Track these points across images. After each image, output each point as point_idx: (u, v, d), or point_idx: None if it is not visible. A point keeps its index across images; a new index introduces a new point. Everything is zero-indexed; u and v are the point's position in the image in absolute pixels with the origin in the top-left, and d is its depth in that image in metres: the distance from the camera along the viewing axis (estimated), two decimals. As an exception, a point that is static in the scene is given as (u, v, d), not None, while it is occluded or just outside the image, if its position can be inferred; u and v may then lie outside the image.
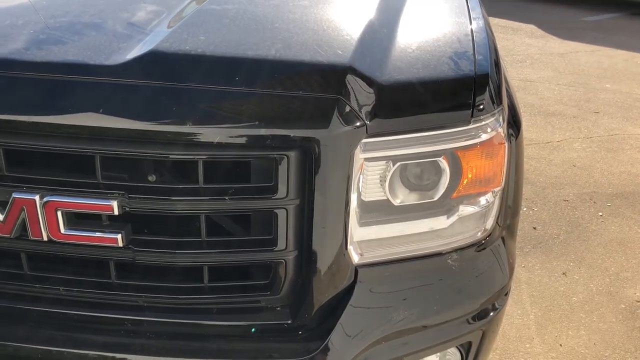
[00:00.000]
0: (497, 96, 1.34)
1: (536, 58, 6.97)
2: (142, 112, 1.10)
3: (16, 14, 1.33)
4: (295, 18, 1.39)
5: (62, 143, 1.12)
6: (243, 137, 1.12)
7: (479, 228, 1.37)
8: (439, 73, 1.28)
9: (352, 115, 1.15)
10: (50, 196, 1.13)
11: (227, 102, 1.12)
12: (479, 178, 1.31)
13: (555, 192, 3.77)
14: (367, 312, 1.28)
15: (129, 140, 1.11)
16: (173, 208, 1.15)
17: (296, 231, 1.20)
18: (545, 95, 5.64)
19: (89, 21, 1.31)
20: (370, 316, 1.27)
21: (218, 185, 1.16)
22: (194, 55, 1.16)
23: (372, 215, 1.26)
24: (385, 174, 1.23)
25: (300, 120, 1.15)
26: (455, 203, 1.31)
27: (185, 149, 1.12)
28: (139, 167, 1.17)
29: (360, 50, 1.26)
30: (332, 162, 1.16)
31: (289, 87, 1.16)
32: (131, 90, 1.11)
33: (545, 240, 3.25)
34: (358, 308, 1.26)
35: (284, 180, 1.15)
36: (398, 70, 1.26)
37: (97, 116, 1.09)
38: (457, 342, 1.40)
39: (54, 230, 1.15)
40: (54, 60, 1.14)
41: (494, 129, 1.30)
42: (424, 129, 1.22)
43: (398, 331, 1.28)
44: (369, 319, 1.27)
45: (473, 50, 1.38)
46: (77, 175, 1.15)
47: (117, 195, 1.13)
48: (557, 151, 4.38)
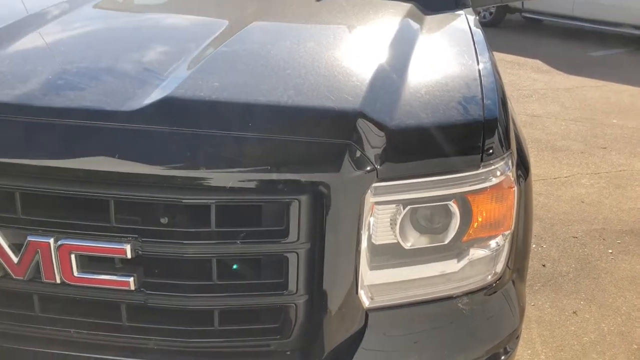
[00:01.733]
0: (506, 140, 1.35)
1: (542, 93, 7.02)
2: (157, 158, 1.12)
3: (35, 59, 1.37)
4: (306, 63, 1.42)
5: (77, 187, 1.14)
6: (255, 182, 1.14)
7: (490, 271, 1.37)
8: (448, 118, 1.30)
9: (363, 159, 1.17)
10: (65, 239, 1.14)
11: (239, 147, 1.14)
12: (489, 221, 1.32)
13: (564, 228, 3.76)
14: (378, 356, 1.27)
15: (143, 185, 1.13)
16: (185, 252, 1.16)
17: (307, 275, 1.20)
18: (552, 130, 5.66)
19: (106, 67, 1.34)
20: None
21: (230, 229, 1.17)
22: (207, 101, 1.19)
23: (383, 259, 1.27)
24: (395, 217, 1.24)
25: (311, 165, 1.16)
26: (466, 246, 1.31)
27: (198, 194, 1.13)
28: (152, 211, 1.18)
29: (370, 96, 1.29)
30: (343, 206, 1.17)
31: (300, 132, 1.18)
32: (146, 135, 1.14)
33: (555, 277, 3.22)
34: (369, 352, 1.25)
35: (295, 224, 1.16)
36: (408, 115, 1.28)
37: (112, 161, 1.11)
38: (467, 386, 1.39)
39: (67, 273, 1.16)
40: (71, 106, 1.17)
41: (504, 172, 1.31)
42: (434, 173, 1.24)
43: (409, 376, 1.27)
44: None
45: (481, 94, 1.40)
46: (91, 219, 1.16)
47: (130, 239, 1.14)
48: (565, 187, 4.37)
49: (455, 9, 2.32)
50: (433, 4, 2.27)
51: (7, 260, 1.16)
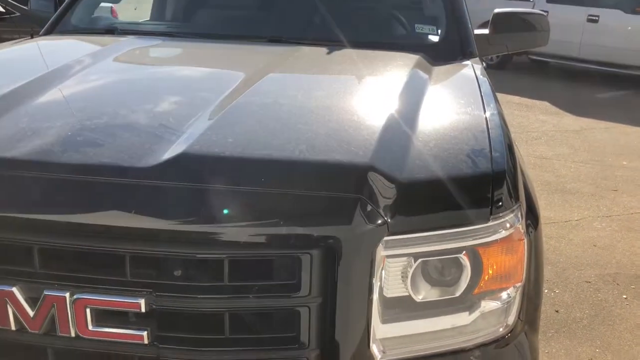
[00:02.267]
0: (515, 192, 1.37)
1: (551, 135, 7.05)
2: (172, 213, 1.15)
3: (55, 115, 1.42)
4: (317, 117, 1.45)
5: (94, 242, 1.16)
6: (268, 236, 1.16)
7: (501, 324, 1.36)
8: (458, 171, 1.32)
9: (374, 213, 1.19)
10: (81, 293, 1.16)
11: (252, 202, 1.17)
12: (499, 274, 1.32)
13: (577, 273, 3.72)
14: (390, 411, 1.26)
15: (158, 240, 1.15)
16: (198, 306, 1.17)
17: (318, 329, 1.21)
18: (562, 172, 5.66)
19: (124, 122, 1.38)
20: (393, 416, 1.26)
21: (242, 283, 1.18)
22: (221, 157, 1.22)
23: (395, 312, 1.27)
24: (407, 270, 1.25)
25: (323, 219, 1.18)
26: (477, 299, 1.31)
27: (212, 248, 1.16)
28: (166, 266, 1.20)
29: (380, 149, 1.31)
30: (354, 259, 1.19)
31: (312, 186, 1.20)
32: (162, 191, 1.17)
33: (569, 324, 3.18)
34: (381, 407, 1.24)
35: (307, 278, 1.17)
36: (417, 169, 1.30)
37: (129, 216, 1.14)
38: None
39: (82, 326, 1.18)
40: (89, 162, 1.20)
41: (513, 225, 1.32)
42: (444, 226, 1.25)
43: None
44: (391, 420, 1.25)
45: (489, 146, 1.43)
46: (107, 273, 1.18)
47: (145, 293, 1.16)
48: (576, 230, 4.35)
49: (463, 59, 2.37)
50: (441, 54, 2.32)
51: (23, 313, 1.18)
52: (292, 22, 2.60)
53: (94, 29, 2.69)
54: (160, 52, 2.31)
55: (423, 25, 2.71)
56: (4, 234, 1.17)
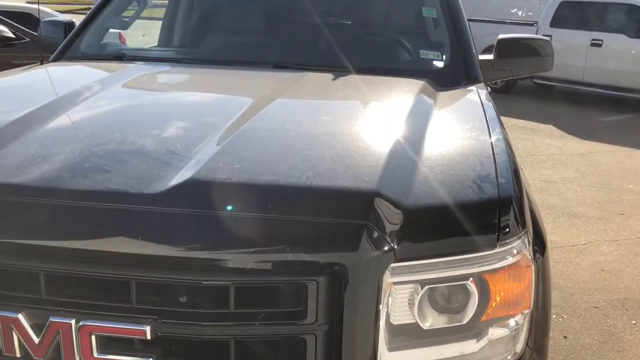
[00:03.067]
0: (522, 218, 1.36)
1: (557, 159, 7.04)
2: (177, 239, 1.15)
3: (63, 142, 1.43)
4: (323, 144, 1.46)
5: (100, 268, 1.16)
6: (273, 263, 1.16)
7: (509, 351, 1.35)
8: (464, 197, 1.32)
9: (381, 240, 1.18)
10: (86, 320, 1.16)
11: (258, 229, 1.17)
12: (507, 301, 1.31)
13: (585, 298, 3.68)
14: None
15: (164, 267, 1.15)
16: (203, 333, 1.17)
17: (325, 357, 1.20)
18: (568, 196, 5.64)
19: (131, 149, 1.39)
20: None
21: (248, 310, 1.17)
22: (228, 184, 1.22)
23: (401, 340, 1.26)
24: (413, 297, 1.24)
25: (329, 245, 1.18)
26: (485, 326, 1.30)
27: (217, 275, 1.15)
28: (172, 292, 1.19)
29: (386, 175, 1.32)
30: (361, 287, 1.18)
31: (318, 213, 1.20)
32: (168, 218, 1.17)
33: (578, 350, 3.14)
34: None
35: (313, 305, 1.17)
36: (424, 195, 1.30)
37: (135, 242, 1.14)
38: None
39: (87, 354, 1.17)
40: (96, 189, 1.21)
41: (520, 251, 1.31)
42: (451, 252, 1.25)
43: None
44: None
45: (495, 172, 1.43)
46: (113, 300, 1.18)
47: (150, 320, 1.15)
48: (583, 254, 4.31)
49: (468, 84, 2.38)
50: (446, 80, 2.34)
51: (28, 340, 1.18)
52: (298, 48, 2.62)
53: (102, 55, 2.73)
54: (168, 78, 2.34)
55: (428, 50, 2.74)
56: (10, 260, 1.18)
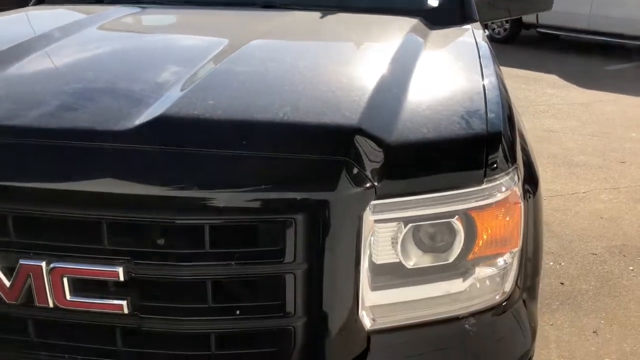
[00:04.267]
0: (511, 154, 1.31)
1: (559, 108, 6.93)
2: (149, 178, 1.10)
3: (32, 81, 1.37)
4: (304, 80, 1.39)
5: (69, 209, 1.12)
6: (250, 201, 1.11)
7: (498, 291, 1.32)
8: (450, 132, 1.26)
9: (361, 177, 1.13)
10: (56, 262, 1.12)
11: (233, 166, 1.12)
12: (495, 239, 1.27)
13: (583, 245, 3.66)
14: (380, 381, 1.22)
15: (135, 206, 1.10)
16: (179, 274, 1.13)
17: (305, 297, 1.16)
18: (569, 145, 5.57)
19: (102, 87, 1.33)
20: (384, 386, 1.22)
21: (224, 250, 1.13)
22: (201, 119, 1.17)
23: (385, 279, 1.22)
24: (397, 235, 1.20)
25: (307, 183, 1.13)
26: (471, 265, 1.26)
27: (191, 214, 1.11)
28: (145, 233, 1.15)
29: (369, 112, 1.26)
30: (340, 225, 1.14)
31: (296, 149, 1.15)
32: (139, 155, 1.12)
33: (574, 296, 3.13)
34: (371, 377, 1.20)
35: (292, 244, 1.13)
36: (408, 130, 1.24)
37: (104, 182, 1.09)
38: (478, 413, 1.33)
39: (59, 297, 1.14)
40: (63, 127, 1.16)
41: (509, 188, 1.26)
42: (435, 189, 1.20)
43: (414, 402, 1.22)
44: (382, 389, 1.21)
45: (485, 108, 1.36)
46: (83, 241, 1.14)
47: (123, 262, 1.12)
48: (583, 202, 4.28)
49: (463, 23, 2.29)
50: (440, 18, 2.24)
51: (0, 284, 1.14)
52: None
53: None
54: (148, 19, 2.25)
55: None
56: None
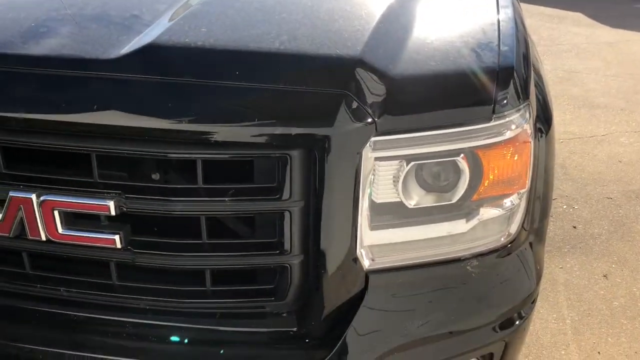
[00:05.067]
0: (523, 90, 1.23)
1: (583, 47, 6.68)
2: (138, 108, 1.05)
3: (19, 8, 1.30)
4: (304, 7, 1.31)
5: (58, 140, 1.08)
6: (243, 135, 1.06)
7: (503, 232, 1.27)
8: (459, 65, 1.19)
9: (360, 111, 1.07)
10: (47, 195, 1.10)
11: (226, 98, 1.06)
12: (501, 179, 1.22)
13: (598, 189, 3.59)
14: (377, 321, 1.20)
15: (125, 138, 1.06)
16: (171, 209, 1.10)
17: (301, 234, 1.13)
18: (591, 86, 5.39)
19: (91, 14, 1.26)
20: (381, 325, 1.20)
21: (218, 186, 1.10)
22: (193, 48, 1.10)
23: (385, 218, 1.19)
24: (398, 174, 1.15)
25: (304, 117, 1.08)
26: (476, 206, 1.22)
27: (183, 148, 1.07)
28: (137, 167, 1.12)
29: (372, 42, 1.18)
30: (338, 161, 1.09)
31: (292, 81, 1.09)
32: (127, 85, 1.06)
33: (586, 239, 3.09)
34: (368, 317, 1.19)
35: (287, 180, 1.09)
36: (413, 63, 1.17)
37: (92, 112, 1.05)
38: (477, 353, 1.31)
39: (51, 230, 1.12)
40: (51, 54, 1.10)
41: (519, 125, 1.20)
42: (440, 126, 1.14)
43: (410, 342, 1.20)
44: (379, 329, 1.20)
45: (498, 41, 1.28)
46: (74, 174, 1.11)
47: (114, 195, 1.09)
48: (601, 145, 4.17)
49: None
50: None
51: (-9, 216, 1.13)
52: None
53: None
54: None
55: None
56: None
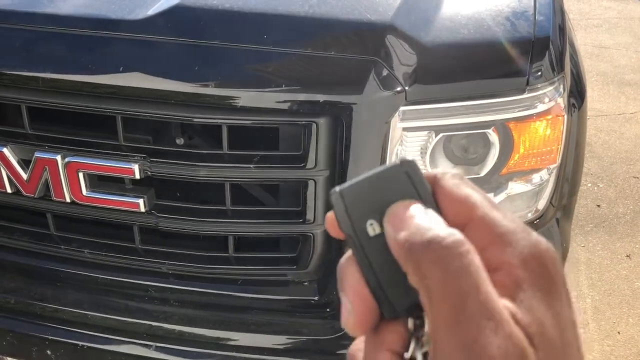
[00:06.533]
0: (559, 62, 1.19)
1: (614, 22, 6.48)
2: (163, 71, 1.04)
3: None
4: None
5: (83, 102, 1.07)
6: (269, 101, 1.04)
7: (530, 208, 1.25)
8: (493, 34, 1.15)
9: (390, 79, 1.05)
10: (72, 157, 1.09)
11: (252, 62, 1.04)
12: (532, 153, 1.19)
13: (625, 167, 3.52)
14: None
15: (150, 101, 1.05)
16: (196, 174, 1.09)
17: (326, 204, 1.12)
18: (621, 62, 5.25)
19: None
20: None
21: (243, 152, 1.08)
22: (220, 10, 1.08)
23: (410, 190, 1.16)
24: (426, 145, 1.12)
25: (331, 83, 1.06)
26: (504, 180, 1.19)
27: (208, 112, 1.05)
28: (162, 131, 1.11)
29: (404, 8, 1.14)
30: (366, 130, 1.07)
31: (321, 46, 1.06)
32: (153, 47, 1.05)
33: (610, 219, 3.04)
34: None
35: (313, 149, 1.07)
36: (446, 31, 1.14)
37: (117, 74, 1.04)
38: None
39: (76, 191, 1.12)
40: (76, 14, 1.09)
41: (553, 99, 1.16)
42: (472, 97, 1.10)
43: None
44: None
45: (534, 10, 1.23)
46: (99, 137, 1.11)
47: (139, 159, 1.08)
48: (629, 124, 4.07)
49: None
50: None
51: (17, 176, 1.13)
52: None
53: None
54: None
55: None
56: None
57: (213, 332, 1.17)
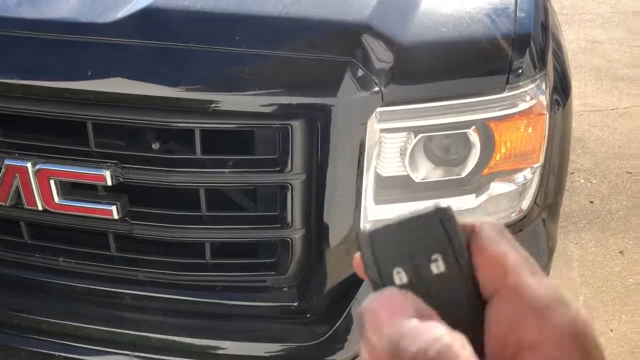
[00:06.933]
0: (540, 60, 1.17)
1: (607, 17, 6.46)
2: (135, 75, 1.01)
3: None
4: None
5: (54, 108, 1.05)
6: (243, 104, 1.02)
7: (514, 208, 1.23)
8: (472, 32, 1.13)
9: (366, 80, 1.02)
10: (42, 164, 1.07)
11: (224, 65, 1.02)
12: (514, 153, 1.17)
13: (618, 163, 3.50)
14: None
15: (121, 106, 1.03)
16: (169, 180, 1.07)
17: (303, 208, 1.10)
18: (614, 57, 5.22)
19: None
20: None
21: (217, 157, 1.06)
22: (192, 12, 1.05)
23: (391, 193, 1.14)
24: (405, 146, 1.10)
25: (306, 85, 1.03)
26: (486, 180, 1.17)
27: (181, 116, 1.03)
28: (134, 136, 1.09)
29: (380, 6, 1.12)
30: (342, 132, 1.04)
31: (295, 47, 1.04)
32: (123, 51, 1.02)
33: (603, 215, 3.02)
34: (372, 292, 1.15)
35: (288, 152, 1.04)
36: (423, 29, 1.11)
37: (86, 79, 1.01)
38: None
39: (47, 199, 1.10)
40: (45, 18, 1.06)
41: (534, 97, 1.14)
42: (450, 96, 1.08)
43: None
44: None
45: (515, 6, 1.21)
46: (70, 143, 1.08)
47: (110, 165, 1.05)
48: (622, 119, 4.05)
49: None
50: None
51: (-13, 185, 1.10)
52: None
53: None
54: None
55: None
56: None
57: (192, 340, 1.15)
